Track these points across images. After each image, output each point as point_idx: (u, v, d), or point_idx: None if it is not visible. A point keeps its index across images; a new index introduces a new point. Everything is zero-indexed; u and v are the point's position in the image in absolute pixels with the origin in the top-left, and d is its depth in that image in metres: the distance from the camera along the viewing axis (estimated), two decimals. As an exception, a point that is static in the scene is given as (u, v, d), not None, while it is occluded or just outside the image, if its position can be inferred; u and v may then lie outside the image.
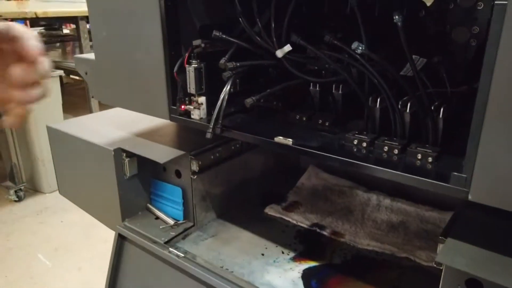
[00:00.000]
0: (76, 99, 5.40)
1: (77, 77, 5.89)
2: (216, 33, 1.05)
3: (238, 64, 1.04)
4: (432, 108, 0.91)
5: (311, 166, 1.71)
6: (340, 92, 1.11)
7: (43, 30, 6.57)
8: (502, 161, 0.69)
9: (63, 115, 3.68)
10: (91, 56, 1.36)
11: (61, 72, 3.62)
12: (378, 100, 0.97)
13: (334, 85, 1.11)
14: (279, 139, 0.98)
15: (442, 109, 0.90)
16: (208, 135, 1.05)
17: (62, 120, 3.70)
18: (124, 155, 1.30)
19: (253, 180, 1.56)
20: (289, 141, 0.96)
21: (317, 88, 1.15)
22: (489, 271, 0.75)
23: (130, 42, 1.18)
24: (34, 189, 3.75)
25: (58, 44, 6.07)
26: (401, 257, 1.23)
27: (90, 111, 3.84)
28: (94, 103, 3.92)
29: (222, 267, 1.19)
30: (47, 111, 3.49)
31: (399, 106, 0.94)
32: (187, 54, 1.10)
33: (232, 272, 1.17)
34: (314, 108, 1.17)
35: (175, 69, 1.11)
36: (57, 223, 3.32)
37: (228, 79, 1.03)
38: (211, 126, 1.05)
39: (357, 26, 0.96)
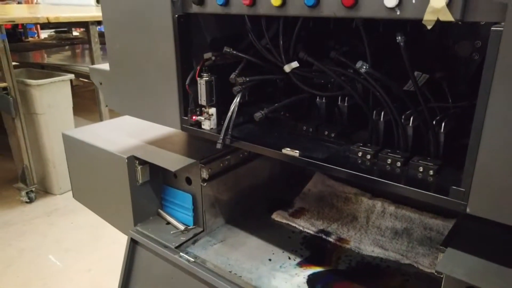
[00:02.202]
0: (85, 101, 5.48)
1: (86, 80, 5.98)
2: (227, 49, 1.09)
3: (247, 79, 1.09)
4: (434, 122, 0.95)
5: (317, 173, 1.75)
6: (345, 104, 1.15)
7: (53, 33, 6.67)
8: (499, 176, 0.72)
9: (73, 117, 3.75)
10: (105, 66, 1.41)
11: (71, 76, 3.69)
12: (382, 113, 1.01)
13: (339, 97, 1.15)
14: (287, 150, 1.02)
15: (443, 124, 0.94)
16: (219, 146, 1.10)
17: (73, 122, 3.78)
18: (137, 162, 1.35)
19: (260, 186, 1.61)
20: (296, 153, 1.00)
21: (323, 100, 1.19)
22: (487, 280, 0.78)
23: (143, 55, 1.22)
24: (45, 190, 3.82)
25: (67, 47, 6.16)
26: (405, 263, 1.27)
27: (100, 114, 3.90)
28: (103, 106, 3.98)
29: (230, 271, 1.23)
30: (58, 114, 3.56)
31: (402, 120, 0.98)
32: (198, 68, 1.15)
33: (241, 277, 1.21)
34: (320, 119, 1.21)
35: (187, 82, 1.16)
36: (67, 224, 3.38)
37: (238, 93, 1.08)
38: (221, 137, 1.10)
39: (362, 42, 1.00)
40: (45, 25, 7.51)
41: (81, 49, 6.12)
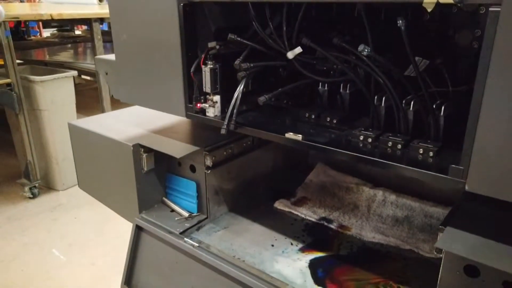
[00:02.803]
0: (88, 100, 5.50)
1: (88, 78, 6.02)
2: (231, 35, 1.12)
3: (251, 65, 1.11)
4: (434, 106, 0.97)
5: (319, 163, 1.78)
6: (347, 91, 1.18)
7: (55, 32, 6.70)
8: (497, 153, 0.75)
9: (76, 115, 3.78)
10: (111, 57, 1.44)
11: (75, 73, 3.72)
12: (383, 98, 1.03)
13: (342, 85, 1.18)
14: (290, 135, 1.05)
15: (443, 108, 0.96)
16: (223, 131, 1.12)
17: (76, 119, 3.80)
18: (142, 150, 1.38)
19: (263, 176, 1.63)
20: (299, 137, 1.03)
21: (326, 88, 1.21)
22: (485, 256, 0.81)
23: (149, 44, 1.25)
24: (48, 186, 3.85)
25: (70, 45, 6.19)
26: (405, 249, 1.29)
27: (103, 112, 3.93)
28: (106, 103, 4.01)
29: (234, 256, 1.26)
30: (61, 111, 3.59)
31: (403, 105, 1.00)
32: (203, 56, 1.18)
33: (244, 261, 1.24)
34: (322, 106, 1.24)
35: (192, 69, 1.19)
36: (70, 219, 3.41)
37: (242, 79, 1.10)
38: (226, 123, 1.12)
39: (364, 29, 1.03)
40: (48, 24, 7.54)
41: (84, 47, 6.15)
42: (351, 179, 1.69)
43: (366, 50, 0.94)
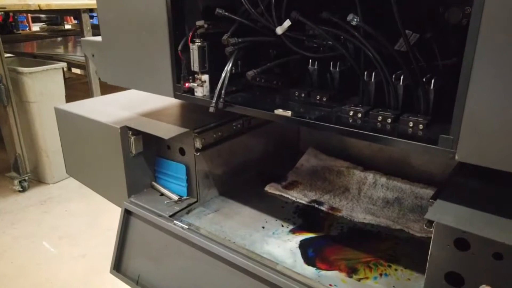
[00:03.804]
0: (78, 93, 5.42)
1: (78, 71, 5.96)
2: (219, 10, 1.10)
3: (240, 40, 1.09)
4: (424, 80, 0.96)
5: (310, 148, 1.77)
6: (337, 69, 1.16)
7: (45, 26, 6.62)
8: (486, 122, 0.74)
9: (66, 107, 3.74)
10: (98, 38, 1.41)
11: (64, 64, 3.68)
12: (373, 74, 1.02)
13: (331, 63, 1.16)
14: (279, 111, 1.03)
15: (433, 81, 0.95)
16: (211, 109, 1.11)
17: (66, 111, 3.76)
18: (130, 133, 1.36)
19: (254, 160, 1.62)
20: (288, 113, 1.01)
21: (315, 67, 1.20)
22: (475, 226, 0.80)
23: (136, 22, 1.23)
24: (38, 179, 3.81)
25: (59, 39, 6.13)
26: (396, 229, 1.29)
27: (93, 103, 3.88)
28: (96, 96, 3.97)
29: (224, 238, 1.24)
30: (51, 103, 3.54)
31: (393, 79, 0.99)
32: (191, 33, 1.16)
33: (234, 242, 1.22)
34: (312, 85, 1.23)
35: (180, 47, 1.17)
36: (61, 212, 3.38)
37: (231, 54, 1.09)
38: (214, 101, 1.10)
39: (353, 5, 1.01)
40: (37, 18, 7.46)
41: (73, 41, 6.09)
42: (342, 162, 1.68)
43: (355, 20, 0.93)
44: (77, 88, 5.82)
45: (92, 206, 3.38)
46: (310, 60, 1.20)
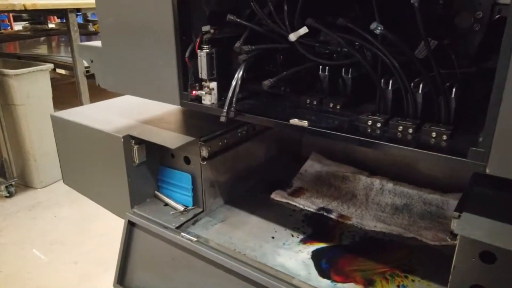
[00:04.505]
0: (65, 94, 5.32)
1: (63, 72, 5.82)
2: (230, 16, 1.06)
3: (253, 47, 1.05)
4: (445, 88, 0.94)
5: (314, 153, 1.74)
6: (349, 76, 1.13)
7: (28, 25, 6.46)
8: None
9: (54, 110, 3.64)
10: (97, 43, 1.36)
11: (51, 66, 3.57)
12: (390, 82, 0.99)
13: (344, 69, 1.13)
14: (295, 121, 1.00)
15: (454, 89, 0.93)
16: (222, 119, 1.07)
17: (53, 114, 3.66)
18: (133, 142, 1.31)
19: (257, 167, 1.58)
20: (305, 123, 0.98)
21: (326, 73, 1.17)
22: (504, 240, 0.78)
23: (140, 28, 1.18)
24: (25, 184, 3.70)
25: (43, 39, 5.98)
26: (408, 237, 1.27)
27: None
28: (84, 98, 3.88)
29: (234, 250, 1.20)
30: (37, 106, 3.45)
31: (412, 87, 0.97)
32: (198, 39, 1.11)
33: (245, 254, 1.19)
34: (323, 92, 1.19)
35: (187, 54, 1.12)
36: (50, 218, 3.28)
37: (243, 62, 1.05)
38: (225, 110, 1.06)
39: (369, 10, 0.98)
40: (19, 17, 7.27)
41: (57, 41, 5.95)
42: (347, 167, 1.66)
43: (379, 28, 0.90)
44: (62, 89, 5.69)
45: (82, 211, 3.29)
46: (321, 66, 1.17)
